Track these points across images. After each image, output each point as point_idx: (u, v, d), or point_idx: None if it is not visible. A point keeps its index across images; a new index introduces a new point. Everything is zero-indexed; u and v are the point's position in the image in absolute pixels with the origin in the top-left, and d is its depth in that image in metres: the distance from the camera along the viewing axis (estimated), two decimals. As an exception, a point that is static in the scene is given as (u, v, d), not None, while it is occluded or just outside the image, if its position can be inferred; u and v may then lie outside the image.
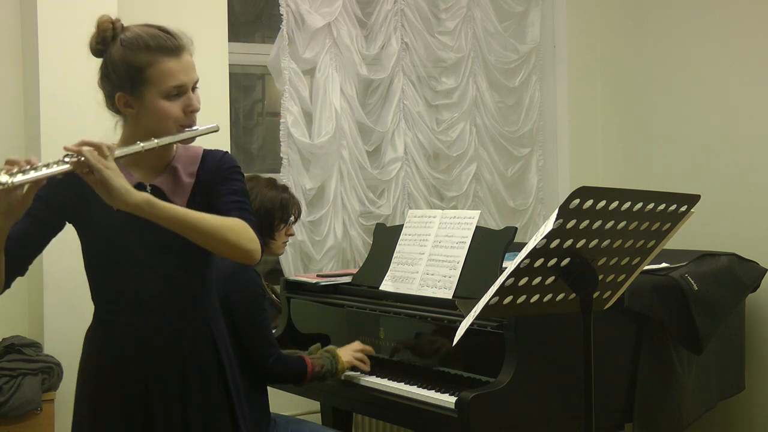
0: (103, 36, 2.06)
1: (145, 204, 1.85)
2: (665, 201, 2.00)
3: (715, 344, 3.29)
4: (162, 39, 2.03)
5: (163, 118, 2.00)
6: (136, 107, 2.01)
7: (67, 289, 3.47)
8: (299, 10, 4.03)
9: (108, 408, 2.03)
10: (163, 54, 2.01)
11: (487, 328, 2.72)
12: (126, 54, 2.01)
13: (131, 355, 2.03)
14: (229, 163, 2.12)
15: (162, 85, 1.99)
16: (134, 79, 1.99)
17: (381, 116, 4.30)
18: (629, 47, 4.57)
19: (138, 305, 2.04)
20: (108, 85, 2.05)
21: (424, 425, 2.81)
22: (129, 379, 2.03)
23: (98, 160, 1.83)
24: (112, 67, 2.03)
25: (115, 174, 1.84)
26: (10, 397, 3.20)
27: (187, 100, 2.03)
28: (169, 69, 2.00)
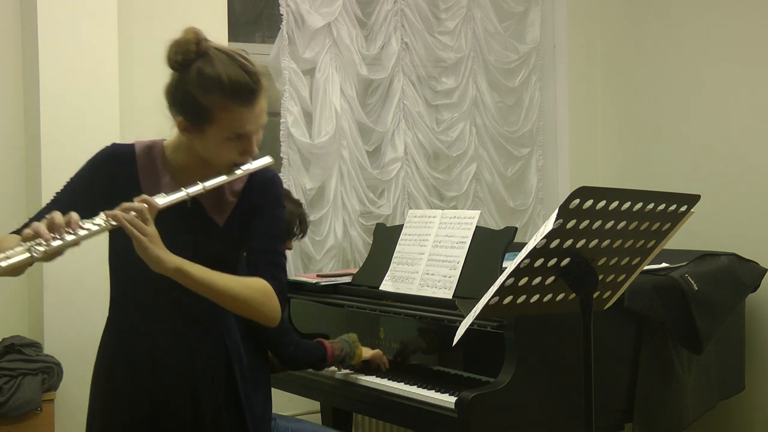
0: (185, 57, 1.94)
1: (176, 273, 1.85)
2: (665, 201, 2.00)
3: (715, 344, 3.29)
4: (240, 84, 1.90)
5: (218, 157, 1.96)
6: (195, 136, 1.96)
7: (67, 289, 3.48)
8: (299, 10, 4.03)
9: (118, 411, 2.04)
10: (236, 101, 1.90)
11: (487, 328, 2.72)
12: (198, 92, 1.90)
13: (144, 360, 2.02)
14: (273, 193, 2.07)
15: (226, 130, 1.92)
16: (200, 116, 1.91)
17: (381, 116, 4.30)
18: (629, 47, 4.57)
19: (155, 313, 2.03)
20: (173, 104, 1.97)
21: (424, 425, 2.81)
22: (140, 383, 2.02)
23: (135, 227, 1.80)
24: (182, 95, 1.94)
25: (152, 241, 1.82)
26: (10, 397, 3.20)
27: (246, 145, 1.96)
28: (238, 117, 1.91)
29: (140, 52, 3.77)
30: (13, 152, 3.64)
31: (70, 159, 3.46)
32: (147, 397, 2.02)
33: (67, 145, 3.51)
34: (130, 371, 2.03)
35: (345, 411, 3.57)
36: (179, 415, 2.02)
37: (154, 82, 3.93)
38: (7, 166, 3.63)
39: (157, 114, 4.11)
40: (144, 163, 2.03)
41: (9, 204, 3.64)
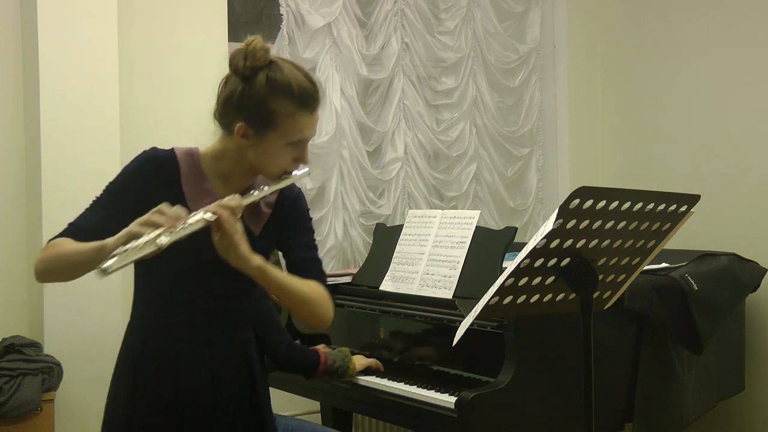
0: (253, 62, 1.99)
1: (257, 272, 1.93)
2: (665, 201, 2.00)
3: (715, 344, 3.29)
4: (307, 91, 2.01)
5: (273, 162, 2.03)
6: (253, 143, 2.01)
7: (67, 289, 3.45)
8: (299, 10, 4.03)
9: (143, 409, 2.05)
10: (303, 107, 2.00)
11: (487, 328, 2.72)
12: (269, 96, 1.98)
13: (166, 362, 2.05)
14: (304, 208, 2.20)
15: (288, 135, 2.00)
16: (265, 121, 1.98)
17: (381, 116, 4.30)
18: (629, 47, 4.57)
19: (181, 319, 2.05)
20: (234, 111, 2.00)
21: (424, 425, 2.81)
22: (163, 384, 2.05)
23: (231, 225, 1.86)
24: (248, 101, 1.98)
25: (241, 239, 1.88)
26: (10, 397, 3.20)
27: (300, 152, 2.05)
28: (301, 123, 2.01)
29: (140, 52, 3.77)
30: (13, 152, 3.64)
31: (70, 159, 3.51)
32: (171, 387, 2.05)
33: (67, 145, 3.51)
34: (154, 367, 2.05)
35: (345, 411, 3.57)
36: (200, 403, 2.05)
37: (154, 82, 3.97)
38: (7, 166, 3.63)
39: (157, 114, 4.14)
40: (186, 168, 2.06)
41: (9, 204, 3.64)
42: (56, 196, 3.47)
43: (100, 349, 3.55)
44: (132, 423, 2.06)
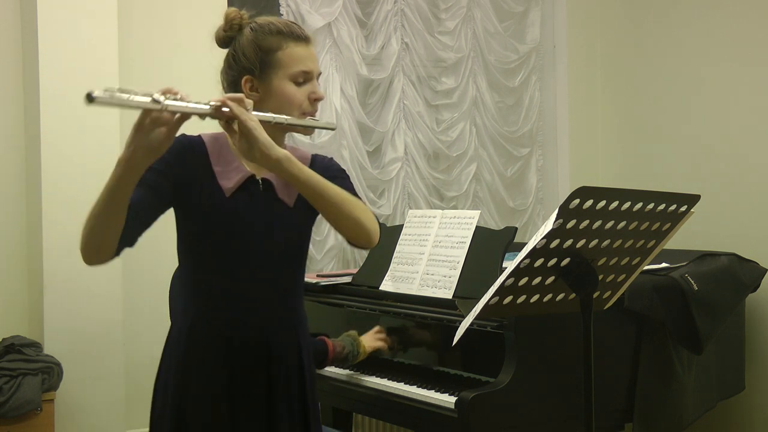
0: (231, 25, 2.08)
1: (285, 159, 1.87)
2: (665, 201, 2.00)
3: (715, 344, 3.29)
4: (292, 26, 2.07)
5: (288, 103, 2.03)
6: (262, 91, 2.04)
7: (67, 289, 3.48)
8: (299, 10, 4.03)
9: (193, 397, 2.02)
10: (294, 39, 2.04)
11: (487, 328, 2.72)
12: (257, 37, 2.04)
13: (219, 347, 2.02)
14: (337, 165, 2.18)
15: (290, 68, 2.02)
16: (263, 61, 2.03)
17: (381, 116, 4.30)
18: (629, 47, 4.57)
19: (234, 301, 2.03)
20: (235, 69, 2.07)
21: (424, 425, 2.81)
22: (216, 370, 2.02)
23: (242, 111, 1.84)
24: (241, 51, 2.05)
25: (259, 126, 1.85)
26: (10, 397, 3.20)
27: (312, 87, 2.06)
28: (298, 54, 2.04)
29: (140, 52, 3.77)
30: (13, 152, 3.64)
31: (70, 159, 3.52)
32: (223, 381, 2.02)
33: (67, 145, 3.51)
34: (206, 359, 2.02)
35: (345, 411, 3.56)
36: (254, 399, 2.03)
37: (155, 82, 3.95)
38: (7, 166, 3.63)
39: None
40: (213, 150, 2.06)
41: (9, 204, 3.64)
42: (56, 196, 3.48)
43: (100, 349, 3.55)
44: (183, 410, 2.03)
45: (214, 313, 2.03)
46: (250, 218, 1.98)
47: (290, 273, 2.11)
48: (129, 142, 1.79)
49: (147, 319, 3.71)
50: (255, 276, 2.03)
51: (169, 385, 2.05)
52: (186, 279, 2.08)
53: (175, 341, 2.08)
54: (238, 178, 2.02)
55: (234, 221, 1.99)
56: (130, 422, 3.67)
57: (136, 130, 1.77)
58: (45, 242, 3.48)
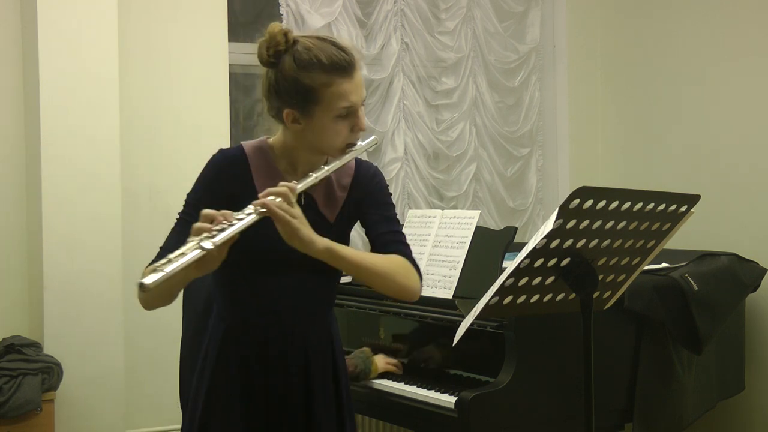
0: (275, 50, 1.97)
1: (326, 253, 1.90)
2: (665, 201, 2.00)
3: (715, 344, 3.29)
4: (336, 57, 1.96)
5: (331, 138, 2.00)
6: (304, 123, 1.99)
7: (67, 289, 3.48)
8: (299, 10, 4.03)
9: (228, 398, 2.03)
10: (337, 74, 1.95)
11: (487, 328, 2.72)
12: (300, 73, 1.95)
13: (255, 354, 2.03)
14: (381, 183, 2.15)
15: (334, 106, 1.96)
16: (306, 99, 1.95)
17: (381, 116, 4.30)
18: (629, 47, 4.57)
19: (270, 314, 2.04)
20: (277, 100, 2.00)
21: (424, 425, 2.81)
22: (252, 376, 2.03)
23: (285, 211, 1.84)
24: (283, 84, 1.97)
25: (302, 223, 1.86)
26: (10, 397, 3.20)
27: (355, 120, 2.00)
28: (341, 90, 1.96)
29: (140, 52, 3.77)
30: (13, 153, 3.64)
31: (70, 159, 3.52)
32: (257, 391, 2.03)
33: (67, 145, 3.51)
34: (241, 365, 2.04)
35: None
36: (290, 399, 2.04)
37: (155, 82, 3.96)
38: (7, 166, 3.63)
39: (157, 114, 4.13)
40: (256, 163, 2.05)
41: (9, 204, 3.64)
42: (56, 196, 3.48)
43: (100, 349, 3.55)
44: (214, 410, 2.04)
45: (250, 322, 2.04)
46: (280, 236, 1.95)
47: (327, 284, 2.12)
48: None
49: (147, 319, 3.70)
50: (293, 289, 2.04)
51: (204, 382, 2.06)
52: (222, 288, 2.08)
53: (212, 340, 2.08)
54: None
55: (274, 237, 1.95)
56: (130, 422, 3.67)
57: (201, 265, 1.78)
58: (45, 243, 3.48)
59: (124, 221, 3.60)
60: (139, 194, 3.74)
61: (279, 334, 2.04)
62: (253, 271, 2.03)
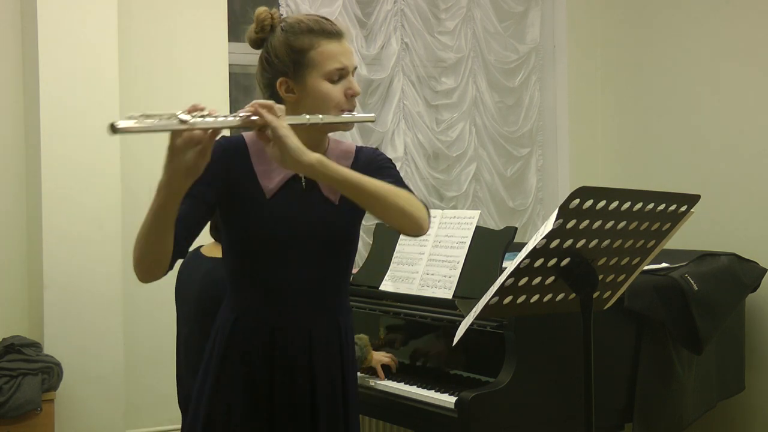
0: (262, 26, 2.05)
1: (318, 164, 1.83)
2: (665, 201, 2.00)
3: (715, 344, 3.29)
4: (323, 23, 2.03)
5: (325, 101, 1.99)
6: (298, 92, 2.01)
7: (67, 289, 3.48)
8: (299, 9, 4.03)
9: (232, 390, 2.02)
10: (325, 37, 2.00)
11: (487, 328, 2.72)
12: (288, 38, 2.01)
13: (264, 342, 2.02)
14: (382, 156, 2.14)
15: (324, 67, 1.99)
16: (297, 62, 1.99)
17: (381, 116, 4.30)
18: (629, 47, 4.57)
19: (278, 299, 2.02)
20: (269, 72, 2.03)
21: (424, 425, 2.81)
22: (256, 369, 2.01)
23: (273, 119, 1.81)
24: (274, 53, 2.02)
25: (290, 132, 1.81)
26: (10, 397, 3.20)
27: (348, 83, 2.01)
28: (331, 51, 2.00)
29: (140, 52, 3.77)
30: (13, 152, 3.64)
31: (70, 158, 3.51)
32: (264, 377, 2.02)
33: (67, 144, 3.51)
34: (248, 354, 2.02)
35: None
36: (296, 391, 2.02)
37: (155, 81, 3.96)
38: (7, 166, 3.63)
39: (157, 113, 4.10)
40: (255, 149, 2.04)
41: (9, 204, 3.64)
42: (56, 195, 3.48)
43: (100, 349, 3.55)
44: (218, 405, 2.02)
45: (258, 310, 2.03)
46: (292, 218, 1.96)
47: (338, 269, 2.08)
48: (166, 165, 1.75)
49: (147, 318, 3.71)
50: (300, 274, 2.01)
51: (209, 374, 2.05)
52: (232, 276, 2.07)
53: (220, 331, 2.07)
54: (280, 179, 2.00)
55: (276, 222, 1.97)
56: (130, 422, 3.67)
57: (171, 153, 1.73)
58: (45, 243, 3.48)
59: (124, 221, 3.60)
60: (139, 194, 3.73)
61: (286, 324, 2.02)
62: (260, 256, 2.00)
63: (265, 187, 2.00)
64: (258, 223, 1.98)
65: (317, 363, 2.04)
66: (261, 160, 2.03)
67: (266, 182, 2.00)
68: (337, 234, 2.04)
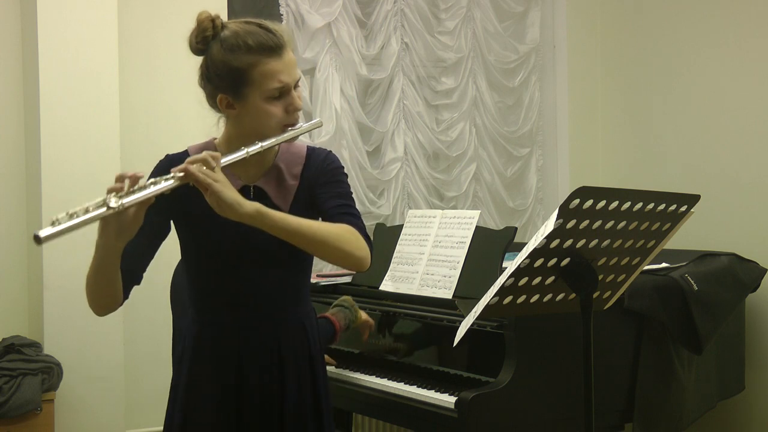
0: (203, 35, 1.99)
1: (256, 215, 1.84)
2: (665, 201, 2.00)
3: (715, 344, 3.29)
4: (263, 38, 1.97)
5: (266, 120, 1.98)
6: (239, 108, 1.99)
7: (67, 289, 3.48)
8: (299, 10, 4.03)
9: (202, 397, 2.04)
10: (265, 54, 1.96)
11: (487, 328, 2.72)
12: (227, 56, 1.96)
13: (231, 350, 2.03)
14: (333, 164, 2.10)
15: (264, 86, 1.96)
16: (236, 81, 1.96)
17: (381, 116, 4.30)
18: (629, 47, 4.57)
19: (240, 305, 2.04)
20: (209, 86, 2.01)
21: (424, 425, 2.80)
22: (227, 372, 2.03)
23: (206, 175, 1.80)
24: (213, 69, 1.98)
25: (225, 186, 1.81)
26: (10, 397, 3.20)
27: (289, 99, 1.99)
28: (271, 70, 1.95)
29: (140, 52, 3.77)
30: (13, 152, 3.64)
31: (70, 159, 3.52)
32: (231, 383, 2.03)
33: (67, 145, 3.51)
34: (217, 362, 2.03)
35: (345, 411, 3.56)
36: (265, 391, 2.03)
37: (155, 81, 3.96)
38: (7, 166, 3.64)
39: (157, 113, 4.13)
40: None
41: (9, 204, 3.64)
42: (56, 196, 3.48)
43: (100, 349, 3.55)
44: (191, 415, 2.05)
45: (221, 322, 2.04)
46: (243, 229, 1.92)
47: (293, 276, 2.09)
48: (100, 231, 1.78)
49: (147, 319, 3.71)
50: (257, 284, 2.03)
51: (179, 384, 2.07)
52: (192, 284, 2.08)
53: (184, 343, 2.09)
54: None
55: (230, 234, 1.97)
56: (130, 422, 3.67)
57: (103, 226, 1.77)
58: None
59: (124, 221, 3.60)
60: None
61: (250, 334, 2.03)
62: (214, 264, 2.02)
63: None
64: (212, 236, 1.98)
65: (286, 367, 2.05)
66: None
67: None
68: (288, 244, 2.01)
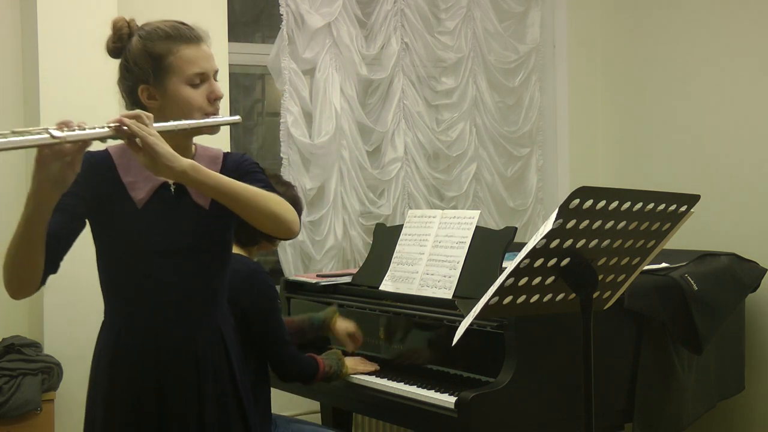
0: (119, 35, 2.07)
1: (190, 169, 1.85)
2: (665, 201, 2.00)
3: (715, 344, 3.29)
4: (181, 29, 2.06)
5: (188, 106, 2.01)
6: (160, 98, 2.02)
7: (67, 289, 3.47)
8: (299, 10, 4.03)
9: (121, 404, 2.04)
10: (184, 42, 2.03)
11: (487, 328, 2.72)
12: (146, 45, 2.03)
13: (147, 355, 2.04)
14: (250, 161, 2.15)
15: (184, 72, 2.01)
16: (156, 68, 2.01)
17: (381, 116, 4.30)
18: (629, 47, 4.57)
19: (153, 309, 2.04)
20: (129, 79, 2.04)
21: (424, 425, 2.81)
22: (143, 376, 2.03)
23: (140, 128, 1.82)
24: (132, 61, 2.03)
25: (160, 140, 1.83)
26: (10, 397, 3.20)
27: (209, 87, 2.04)
28: (189, 56, 2.02)
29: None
30: (13, 152, 3.64)
31: (70, 159, 3.51)
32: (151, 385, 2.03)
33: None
34: (132, 366, 2.04)
35: (345, 411, 3.57)
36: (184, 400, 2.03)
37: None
38: (8, 166, 3.63)
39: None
40: (121, 162, 2.05)
41: (9, 204, 3.64)
42: (56, 196, 3.48)
43: (100, 349, 3.55)
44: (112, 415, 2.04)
45: (139, 320, 2.04)
46: (164, 226, 1.95)
47: (214, 273, 2.10)
48: (33, 177, 1.78)
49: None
50: (177, 281, 2.03)
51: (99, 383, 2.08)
52: (106, 290, 2.10)
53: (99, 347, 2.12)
54: (149, 188, 2.02)
55: (149, 231, 1.99)
56: (130, 422, 3.67)
57: (38, 164, 1.76)
58: (45, 242, 3.48)
59: (124, 221, 3.60)
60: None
61: (169, 333, 2.04)
62: (136, 267, 2.02)
63: (135, 198, 2.01)
64: (131, 233, 1.99)
65: (203, 369, 2.05)
66: (128, 171, 2.04)
67: (135, 193, 2.01)
68: (210, 238, 2.05)
